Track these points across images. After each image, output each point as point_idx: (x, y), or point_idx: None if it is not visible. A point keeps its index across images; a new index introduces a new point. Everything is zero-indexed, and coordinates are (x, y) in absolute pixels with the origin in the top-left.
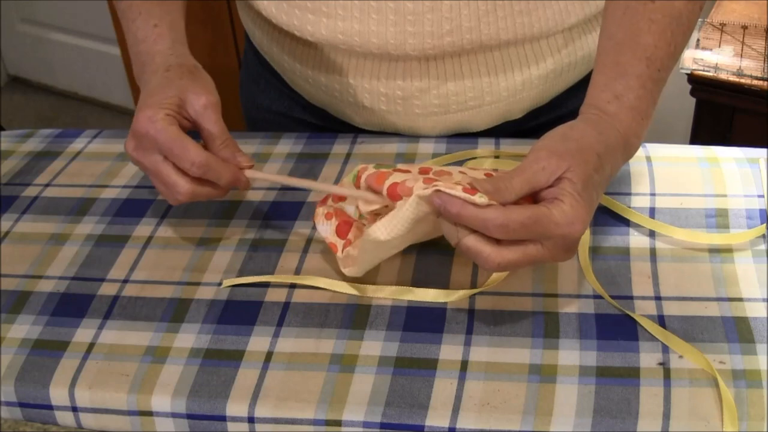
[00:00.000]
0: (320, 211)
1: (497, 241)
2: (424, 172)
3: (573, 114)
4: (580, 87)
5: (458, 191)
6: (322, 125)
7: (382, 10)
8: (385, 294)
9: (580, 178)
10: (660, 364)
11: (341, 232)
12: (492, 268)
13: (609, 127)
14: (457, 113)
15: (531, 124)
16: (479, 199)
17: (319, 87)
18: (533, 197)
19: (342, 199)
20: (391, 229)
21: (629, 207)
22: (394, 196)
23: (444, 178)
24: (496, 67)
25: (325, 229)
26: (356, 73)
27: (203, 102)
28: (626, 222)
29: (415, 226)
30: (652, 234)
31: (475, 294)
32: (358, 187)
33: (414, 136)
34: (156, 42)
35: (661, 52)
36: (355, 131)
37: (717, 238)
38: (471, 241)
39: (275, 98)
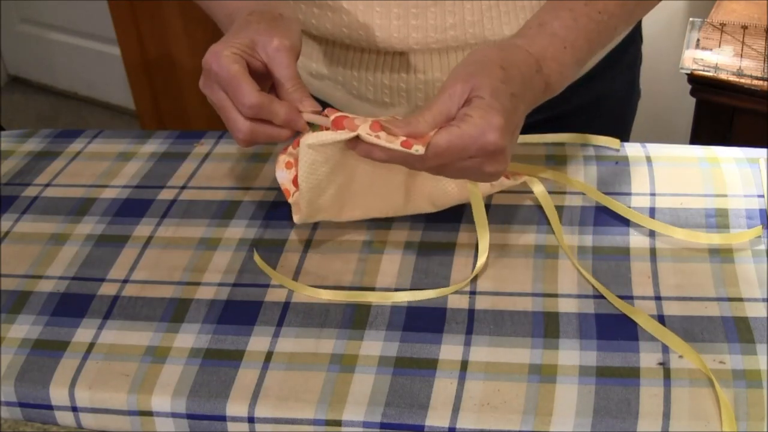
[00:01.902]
0: (281, 159)
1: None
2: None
3: (576, 109)
4: (582, 82)
5: (396, 144)
6: None
7: (386, 4)
8: (374, 298)
9: (486, 91)
10: (660, 364)
11: (297, 180)
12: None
13: (514, 47)
14: None
15: (533, 119)
16: (415, 152)
17: (322, 80)
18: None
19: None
20: (317, 138)
21: (629, 207)
22: (339, 125)
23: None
24: None
25: (283, 176)
26: (360, 66)
27: (275, 45)
28: (626, 222)
29: (348, 158)
30: (652, 234)
31: (474, 294)
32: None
33: None
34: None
35: None
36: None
37: (715, 238)
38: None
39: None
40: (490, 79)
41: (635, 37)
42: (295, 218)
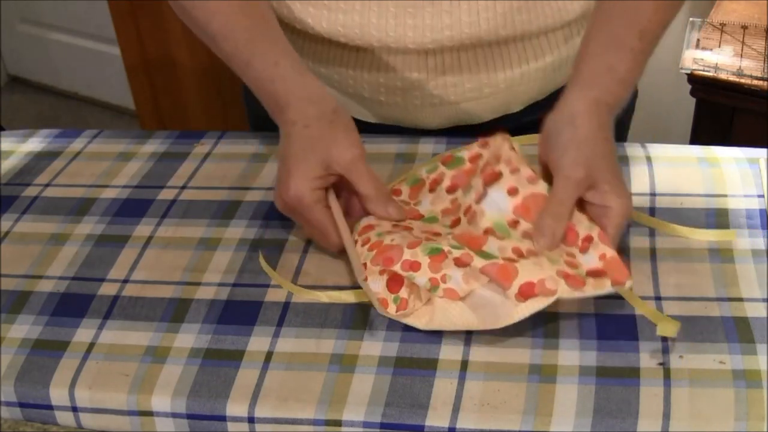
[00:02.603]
0: (372, 268)
1: None
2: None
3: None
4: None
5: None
6: None
7: (383, 4)
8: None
9: (608, 173)
10: (660, 364)
11: (392, 286)
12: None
13: (598, 105)
14: (456, 104)
15: (531, 119)
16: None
17: (318, 79)
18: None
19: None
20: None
21: None
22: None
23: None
24: (495, 63)
25: (377, 285)
26: (356, 65)
27: (349, 158)
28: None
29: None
30: (652, 234)
31: None
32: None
33: (414, 135)
34: (283, 81)
35: (653, 26)
36: (357, 125)
37: (707, 234)
38: None
39: None
40: (598, 153)
41: None
42: (421, 324)
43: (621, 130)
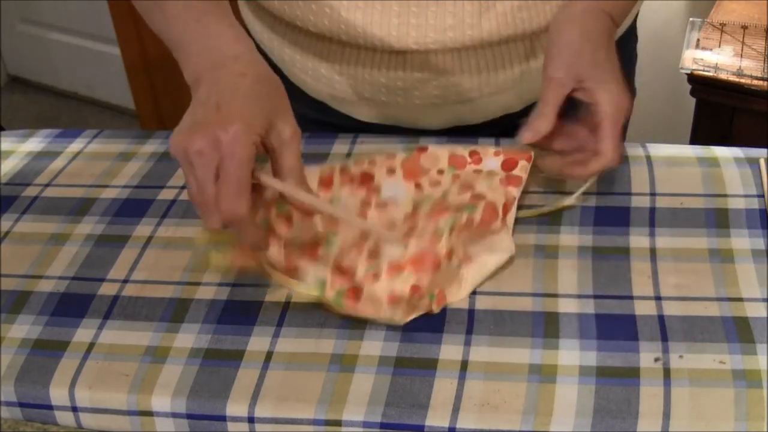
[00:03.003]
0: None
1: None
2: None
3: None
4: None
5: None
6: (322, 119)
7: (387, 3)
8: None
9: (591, 68)
10: (657, 359)
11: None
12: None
13: (587, 13)
14: (457, 104)
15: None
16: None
17: (319, 78)
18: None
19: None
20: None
21: (629, 207)
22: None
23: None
24: (496, 62)
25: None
26: (357, 64)
27: (290, 132)
28: (626, 222)
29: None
30: (652, 234)
31: (474, 294)
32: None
33: (414, 135)
34: (229, 36)
35: None
36: (352, 124)
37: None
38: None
39: None
40: (586, 57)
41: (630, 36)
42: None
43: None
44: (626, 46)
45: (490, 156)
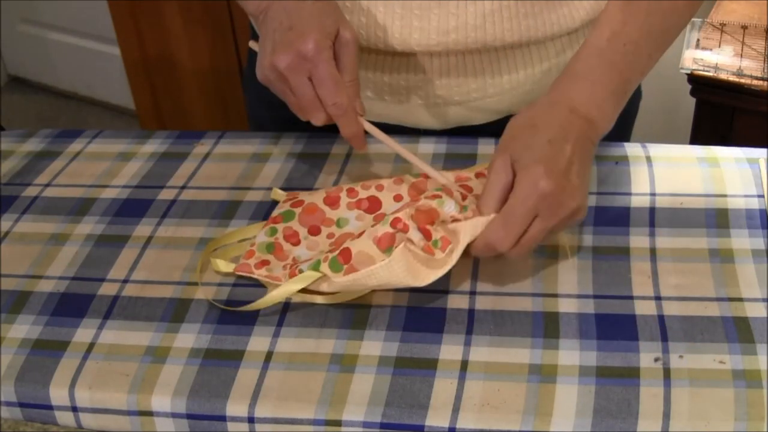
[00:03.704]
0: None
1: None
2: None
3: None
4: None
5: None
6: None
7: (390, 4)
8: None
9: (521, 154)
10: (656, 359)
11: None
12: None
13: (540, 102)
14: (460, 105)
15: None
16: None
17: None
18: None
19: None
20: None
21: (629, 207)
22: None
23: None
24: (500, 66)
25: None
26: (360, 65)
27: (350, 35)
28: (626, 222)
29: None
30: (652, 234)
31: (474, 294)
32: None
33: (415, 135)
34: None
35: (629, 29)
36: None
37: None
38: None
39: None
40: (521, 141)
41: None
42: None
43: (624, 130)
44: None
45: None
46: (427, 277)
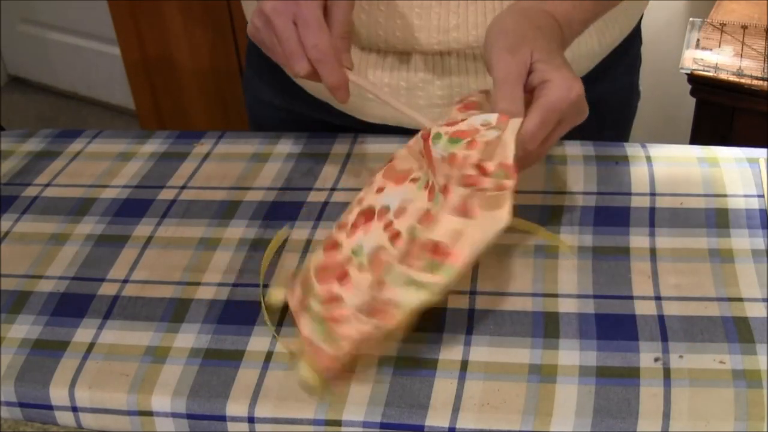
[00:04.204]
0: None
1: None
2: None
3: None
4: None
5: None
6: (324, 119)
7: (390, 4)
8: None
9: (545, 54)
10: (656, 359)
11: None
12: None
13: (534, 11)
14: None
15: None
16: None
17: None
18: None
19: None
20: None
21: (629, 207)
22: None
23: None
24: None
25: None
26: (360, 64)
27: None
28: (626, 222)
29: None
30: (652, 234)
31: (474, 294)
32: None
33: (417, 132)
34: None
35: None
36: (355, 125)
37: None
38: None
39: (277, 93)
40: (541, 41)
41: (635, 39)
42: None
43: (623, 131)
44: (631, 50)
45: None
46: (508, 209)
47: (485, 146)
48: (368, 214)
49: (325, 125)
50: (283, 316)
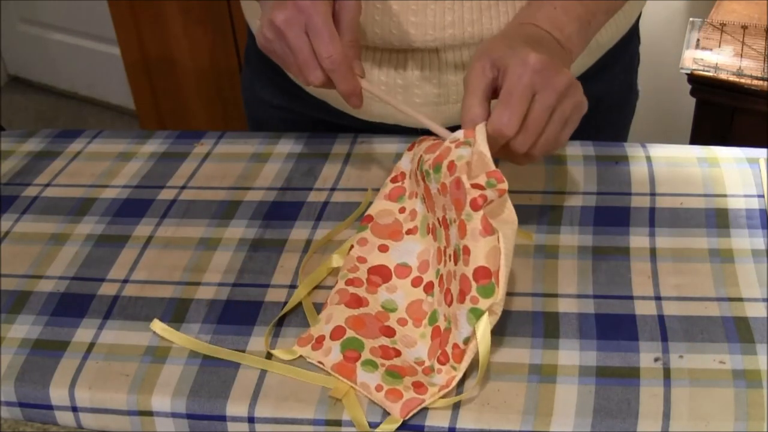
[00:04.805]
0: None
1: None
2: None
3: None
4: (580, 81)
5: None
6: (323, 119)
7: (387, 2)
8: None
9: (502, 48)
10: (656, 359)
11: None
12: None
13: (513, 27)
14: (457, 104)
15: None
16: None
17: None
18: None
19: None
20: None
21: (629, 207)
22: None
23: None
24: None
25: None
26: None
27: None
28: (626, 222)
29: None
30: (652, 234)
31: None
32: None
33: (414, 135)
34: None
35: None
36: (354, 124)
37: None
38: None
39: (276, 93)
40: (499, 47)
41: (633, 38)
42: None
43: (621, 130)
44: (628, 48)
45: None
46: (512, 208)
47: (467, 167)
48: (382, 272)
49: (324, 124)
50: (283, 316)
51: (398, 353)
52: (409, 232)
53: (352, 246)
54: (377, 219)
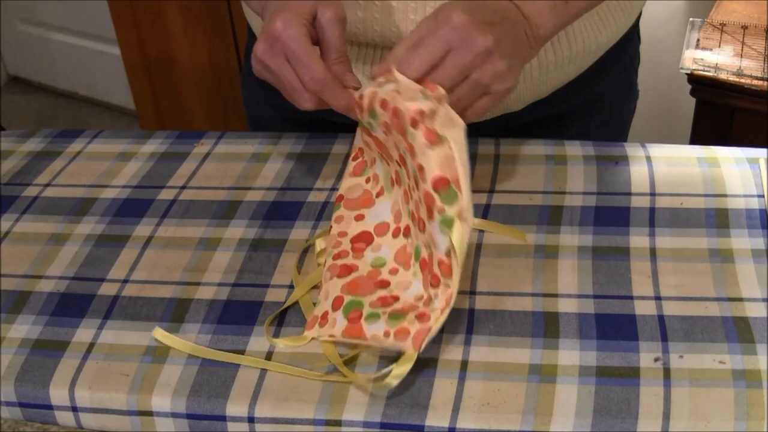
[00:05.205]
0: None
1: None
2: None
3: (574, 109)
4: (580, 81)
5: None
6: (323, 118)
7: (386, 1)
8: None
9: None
10: (656, 359)
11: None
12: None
13: None
14: None
15: (531, 118)
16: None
17: None
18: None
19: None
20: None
21: (629, 207)
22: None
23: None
24: None
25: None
26: (357, 61)
27: (331, 14)
28: (626, 222)
29: None
30: (652, 234)
31: (474, 294)
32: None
33: None
34: None
35: None
36: (355, 123)
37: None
38: None
39: (276, 92)
40: (462, 4)
41: (633, 37)
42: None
43: (621, 130)
44: (628, 48)
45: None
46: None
47: (397, 95)
48: (364, 237)
49: (324, 123)
50: (283, 316)
51: (396, 298)
52: (378, 194)
53: (331, 227)
54: (347, 195)
